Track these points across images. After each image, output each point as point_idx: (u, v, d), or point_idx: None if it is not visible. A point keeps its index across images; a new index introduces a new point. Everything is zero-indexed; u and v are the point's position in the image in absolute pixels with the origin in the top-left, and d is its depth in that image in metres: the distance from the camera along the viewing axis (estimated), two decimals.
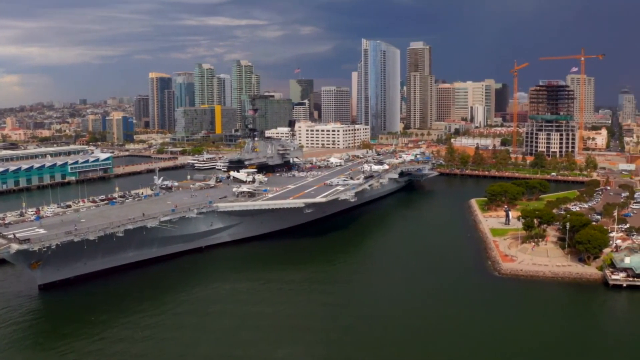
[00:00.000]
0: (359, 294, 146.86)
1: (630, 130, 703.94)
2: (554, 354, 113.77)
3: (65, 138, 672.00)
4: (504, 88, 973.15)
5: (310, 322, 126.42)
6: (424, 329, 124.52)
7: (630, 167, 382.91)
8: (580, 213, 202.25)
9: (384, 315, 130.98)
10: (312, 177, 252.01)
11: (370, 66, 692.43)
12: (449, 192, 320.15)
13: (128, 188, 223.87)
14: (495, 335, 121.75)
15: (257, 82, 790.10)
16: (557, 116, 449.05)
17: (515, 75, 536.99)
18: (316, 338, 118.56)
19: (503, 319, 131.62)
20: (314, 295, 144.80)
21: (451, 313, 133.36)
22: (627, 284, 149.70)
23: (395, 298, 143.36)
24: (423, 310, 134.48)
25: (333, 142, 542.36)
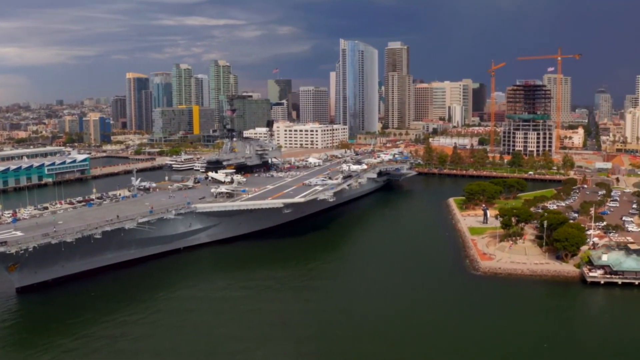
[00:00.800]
0: (338, 294, 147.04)
1: (606, 129, 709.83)
2: (533, 351, 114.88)
3: (41, 139, 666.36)
4: (481, 88, 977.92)
5: (289, 321, 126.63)
6: (403, 327, 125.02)
7: (606, 165, 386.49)
8: (557, 211, 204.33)
9: (363, 315, 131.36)
10: (290, 178, 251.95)
11: (349, 66, 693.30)
12: (427, 191, 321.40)
13: (105, 189, 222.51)
14: (474, 334, 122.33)
15: (235, 82, 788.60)
16: (534, 115, 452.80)
17: (492, 75, 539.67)
18: (295, 337, 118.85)
19: (482, 317, 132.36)
20: (293, 295, 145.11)
21: (430, 311, 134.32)
22: (604, 281, 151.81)
23: (374, 297, 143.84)
24: (402, 309, 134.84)
25: (311, 142, 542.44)
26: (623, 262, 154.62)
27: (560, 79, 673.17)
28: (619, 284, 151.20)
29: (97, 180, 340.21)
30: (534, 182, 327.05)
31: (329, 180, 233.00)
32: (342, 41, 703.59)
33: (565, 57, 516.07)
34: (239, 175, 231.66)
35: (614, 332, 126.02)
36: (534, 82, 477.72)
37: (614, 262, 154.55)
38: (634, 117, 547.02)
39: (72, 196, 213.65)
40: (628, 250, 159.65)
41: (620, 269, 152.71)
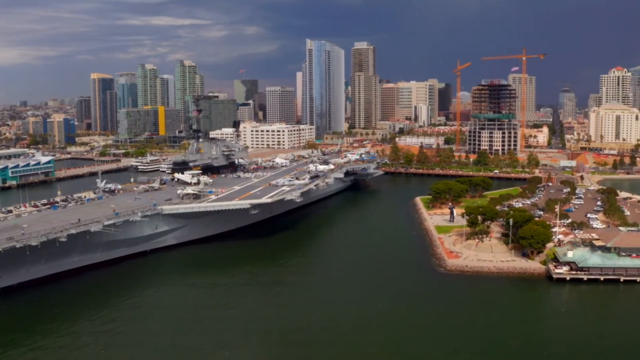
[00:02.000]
0: (306, 295, 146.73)
1: (570, 127, 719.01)
2: (500, 347, 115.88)
3: (5, 141, 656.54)
4: (447, 87, 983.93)
5: (257, 324, 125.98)
6: (371, 326, 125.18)
7: (571, 163, 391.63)
8: (523, 209, 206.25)
9: (331, 314, 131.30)
10: (257, 178, 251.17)
11: (315, 66, 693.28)
12: (394, 190, 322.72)
13: (70, 192, 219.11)
14: (442, 331, 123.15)
15: (201, 83, 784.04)
16: (499, 115, 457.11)
17: (458, 74, 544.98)
18: (263, 339, 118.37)
19: (449, 314, 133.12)
20: (261, 297, 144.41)
21: (397, 310, 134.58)
22: (570, 277, 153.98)
23: (342, 296, 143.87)
24: (370, 308, 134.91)
25: (278, 143, 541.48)
26: (588, 259, 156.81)
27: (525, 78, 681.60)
28: (584, 280, 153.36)
29: (62, 183, 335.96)
30: (499, 181, 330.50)
31: (296, 181, 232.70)
32: (308, 41, 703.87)
33: (529, 57, 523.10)
34: (205, 176, 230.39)
35: (580, 328, 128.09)
36: (499, 82, 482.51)
37: (579, 259, 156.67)
38: (598, 116, 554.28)
39: (36, 199, 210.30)
40: (593, 247, 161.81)
41: (586, 266, 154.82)
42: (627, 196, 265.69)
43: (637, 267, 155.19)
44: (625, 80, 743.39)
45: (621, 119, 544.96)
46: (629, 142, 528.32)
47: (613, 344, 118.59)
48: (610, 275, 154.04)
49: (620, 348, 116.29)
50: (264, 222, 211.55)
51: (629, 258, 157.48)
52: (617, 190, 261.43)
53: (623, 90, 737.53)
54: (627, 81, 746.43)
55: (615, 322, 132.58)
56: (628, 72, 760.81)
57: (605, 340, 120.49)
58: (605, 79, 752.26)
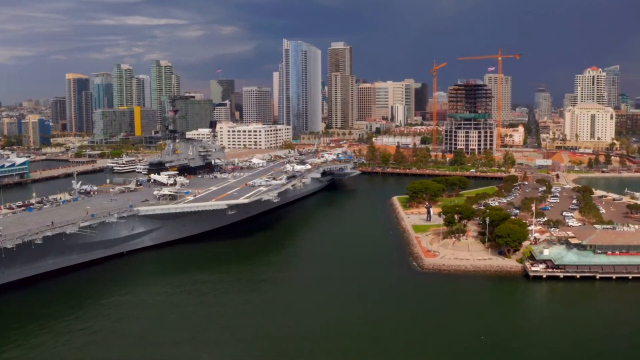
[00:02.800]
0: (283, 295, 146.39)
1: (546, 127, 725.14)
2: (478, 345, 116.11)
3: None
4: (423, 87, 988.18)
5: (234, 324, 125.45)
6: (349, 326, 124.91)
7: (546, 162, 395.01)
8: (499, 208, 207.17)
9: (309, 315, 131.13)
10: (234, 179, 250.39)
11: (292, 66, 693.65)
12: (371, 190, 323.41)
13: (46, 193, 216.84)
14: (420, 330, 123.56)
15: (177, 83, 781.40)
16: (476, 114, 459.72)
17: (434, 74, 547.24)
18: (240, 340, 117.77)
19: (427, 313, 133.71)
20: (238, 297, 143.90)
21: (375, 309, 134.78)
22: (546, 275, 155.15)
23: (320, 296, 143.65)
24: (348, 308, 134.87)
25: (255, 143, 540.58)
26: (564, 256, 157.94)
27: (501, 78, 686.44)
28: (560, 278, 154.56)
29: (37, 184, 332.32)
30: (475, 180, 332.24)
31: (273, 181, 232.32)
32: (285, 41, 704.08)
33: (505, 57, 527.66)
34: (182, 177, 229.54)
35: (557, 325, 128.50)
36: (475, 82, 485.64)
37: (555, 257, 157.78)
38: (573, 115, 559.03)
39: (11, 201, 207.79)
40: (569, 245, 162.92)
41: (562, 263, 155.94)
42: (602, 194, 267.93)
43: (613, 265, 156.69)
44: (600, 80, 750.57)
45: (596, 118, 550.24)
46: (603, 140, 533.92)
47: (590, 340, 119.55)
48: (586, 272, 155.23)
49: (597, 344, 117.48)
50: (241, 223, 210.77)
51: (605, 255, 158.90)
52: (592, 189, 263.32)
53: (598, 89, 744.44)
54: (602, 81, 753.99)
55: (592, 319, 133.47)
56: (603, 72, 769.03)
57: (582, 336, 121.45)
58: (580, 78, 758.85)
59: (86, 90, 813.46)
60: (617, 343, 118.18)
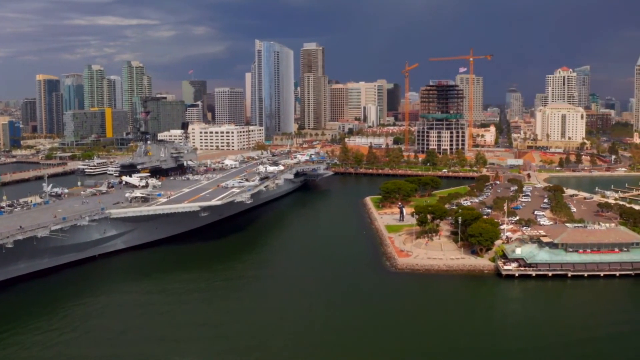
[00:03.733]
0: (257, 297, 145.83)
1: (517, 127, 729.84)
2: (451, 344, 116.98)
3: None
4: (395, 88, 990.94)
5: (208, 328, 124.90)
6: (324, 326, 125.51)
7: (518, 162, 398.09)
8: (471, 207, 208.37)
9: (283, 316, 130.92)
10: (207, 180, 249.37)
11: (264, 67, 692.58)
12: (344, 190, 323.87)
13: (16, 196, 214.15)
14: (394, 329, 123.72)
15: (148, 84, 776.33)
16: (447, 115, 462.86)
17: (406, 75, 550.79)
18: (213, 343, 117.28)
19: (399, 312, 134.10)
20: (211, 300, 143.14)
21: (350, 310, 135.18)
22: (519, 274, 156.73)
23: (294, 297, 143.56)
24: (322, 309, 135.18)
25: (227, 144, 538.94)
26: (536, 255, 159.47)
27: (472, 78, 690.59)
28: (532, 276, 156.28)
29: (7, 187, 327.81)
30: (448, 180, 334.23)
31: (246, 182, 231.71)
32: (257, 42, 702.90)
33: (476, 57, 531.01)
34: (154, 179, 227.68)
35: (529, 323, 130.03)
36: (446, 82, 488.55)
37: (527, 255, 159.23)
38: (544, 115, 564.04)
39: None
40: (541, 243, 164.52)
41: (534, 262, 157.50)
42: (574, 193, 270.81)
43: (584, 263, 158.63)
44: (571, 80, 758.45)
45: (567, 118, 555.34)
46: (574, 140, 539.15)
47: (562, 338, 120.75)
48: (558, 270, 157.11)
49: (569, 342, 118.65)
50: (214, 225, 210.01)
51: (576, 254, 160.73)
52: (563, 188, 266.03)
53: (568, 89, 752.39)
54: (573, 81, 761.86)
55: (564, 317, 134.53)
56: (573, 72, 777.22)
57: (554, 334, 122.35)
58: (551, 78, 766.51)
59: (57, 92, 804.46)
60: (589, 340, 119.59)
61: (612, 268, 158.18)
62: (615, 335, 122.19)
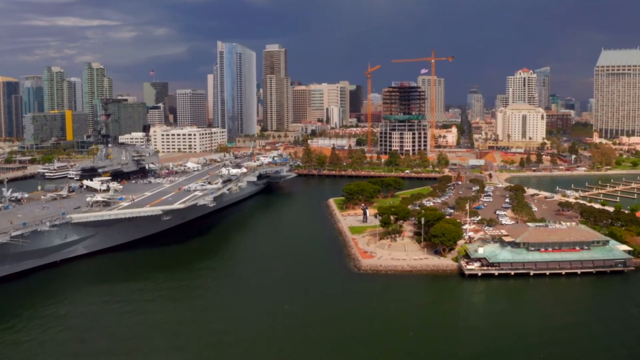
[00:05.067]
0: (220, 300, 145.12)
1: (479, 127, 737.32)
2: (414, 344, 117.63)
3: None
4: (358, 89, 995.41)
5: (169, 332, 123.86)
6: (289, 329, 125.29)
7: (479, 162, 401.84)
8: (434, 208, 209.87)
9: (245, 319, 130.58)
10: (169, 183, 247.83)
11: (226, 68, 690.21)
12: (307, 192, 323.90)
13: None
14: (357, 330, 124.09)
15: (109, 86, 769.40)
16: (410, 116, 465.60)
17: (368, 77, 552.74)
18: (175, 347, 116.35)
19: (364, 314, 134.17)
20: (175, 304, 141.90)
21: (314, 312, 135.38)
22: (481, 273, 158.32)
23: (258, 300, 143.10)
24: (288, 311, 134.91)
25: (190, 147, 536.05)
26: (498, 254, 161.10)
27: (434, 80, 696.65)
28: (495, 275, 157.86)
29: None
30: (410, 181, 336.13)
31: (209, 185, 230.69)
32: (219, 43, 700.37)
33: (438, 59, 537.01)
34: (115, 182, 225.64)
35: (492, 321, 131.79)
36: (408, 84, 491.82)
37: (489, 255, 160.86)
38: (505, 116, 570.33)
39: None
40: (502, 243, 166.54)
41: (496, 261, 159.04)
42: (534, 193, 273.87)
43: (546, 261, 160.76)
44: (531, 81, 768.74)
45: (527, 118, 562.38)
46: (535, 140, 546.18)
47: (523, 335, 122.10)
48: (520, 269, 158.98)
49: (530, 339, 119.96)
50: (177, 228, 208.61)
51: (538, 253, 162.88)
52: (524, 188, 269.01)
53: (529, 90, 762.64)
54: (533, 82, 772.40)
55: (525, 315, 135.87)
56: (533, 73, 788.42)
57: (516, 332, 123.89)
58: (512, 80, 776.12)
59: (16, 94, 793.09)
60: (551, 337, 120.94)
61: (573, 266, 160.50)
62: (576, 333, 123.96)
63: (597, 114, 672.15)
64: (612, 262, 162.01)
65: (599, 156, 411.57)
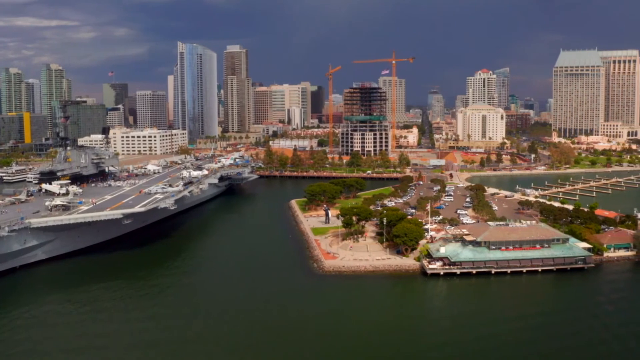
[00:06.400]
0: (179, 304, 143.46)
1: (439, 127, 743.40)
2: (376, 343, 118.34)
3: None
4: (319, 90, 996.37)
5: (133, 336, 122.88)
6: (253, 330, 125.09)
7: (440, 162, 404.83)
8: (395, 208, 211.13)
9: (208, 321, 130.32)
10: (129, 186, 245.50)
11: (187, 69, 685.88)
12: (269, 194, 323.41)
13: None
14: (320, 331, 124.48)
15: (68, 87, 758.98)
16: (371, 117, 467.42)
17: (330, 78, 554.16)
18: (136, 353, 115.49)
19: (327, 314, 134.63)
20: (137, 309, 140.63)
21: (277, 312, 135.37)
22: (443, 272, 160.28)
23: (222, 302, 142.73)
24: (248, 313, 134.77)
25: (150, 149, 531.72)
26: (460, 253, 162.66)
27: (395, 81, 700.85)
28: (457, 274, 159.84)
29: None
30: (372, 181, 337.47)
31: (170, 188, 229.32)
32: (180, 44, 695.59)
33: (399, 60, 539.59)
34: (74, 186, 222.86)
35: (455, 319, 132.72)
36: (370, 85, 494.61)
37: (451, 254, 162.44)
38: (465, 116, 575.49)
39: None
40: (464, 242, 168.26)
41: (458, 260, 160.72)
42: (495, 192, 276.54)
43: (507, 260, 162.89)
44: (491, 82, 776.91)
45: (487, 118, 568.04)
46: (495, 140, 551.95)
47: (485, 332, 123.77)
48: (481, 268, 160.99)
49: (492, 336, 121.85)
50: (138, 232, 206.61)
51: (499, 251, 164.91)
52: (485, 187, 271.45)
53: (488, 91, 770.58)
54: (492, 82, 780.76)
55: (487, 312, 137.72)
56: (493, 74, 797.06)
57: (477, 329, 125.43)
58: (472, 80, 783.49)
59: None
60: (512, 332, 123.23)
61: (534, 264, 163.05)
62: (536, 328, 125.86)
63: (556, 114, 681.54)
64: (572, 260, 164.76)
65: (558, 155, 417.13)
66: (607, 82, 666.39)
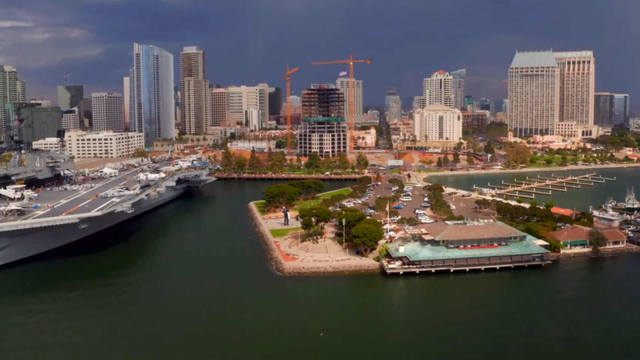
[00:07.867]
0: (136, 309, 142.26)
1: (397, 128, 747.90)
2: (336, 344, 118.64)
3: None
4: (277, 92, 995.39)
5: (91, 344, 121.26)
6: (212, 332, 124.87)
7: (398, 163, 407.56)
8: (354, 209, 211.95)
9: (166, 325, 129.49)
10: (85, 190, 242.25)
11: (143, 71, 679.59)
12: (227, 196, 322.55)
13: None
14: (281, 332, 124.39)
15: (22, 90, 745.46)
16: (329, 118, 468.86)
17: (287, 79, 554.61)
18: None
19: (286, 316, 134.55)
20: (95, 315, 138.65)
21: (236, 315, 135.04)
22: (403, 272, 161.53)
23: (176, 307, 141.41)
24: (207, 316, 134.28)
25: (106, 152, 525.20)
26: (419, 253, 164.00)
27: (353, 82, 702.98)
28: (416, 273, 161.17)
29: None
30: (331, 182, 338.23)
31: (126, 191, 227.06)
32: (136, 45, 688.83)
33: (356, 61, 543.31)
34: (29, 190, 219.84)
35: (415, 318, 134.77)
36: (327, 86, 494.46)
37: (410, 253, 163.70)
38: (422, 117, 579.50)
39: None
40: (423, 241, 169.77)
41: (417, 259, 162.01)
42: (452, 191, 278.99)
43: (465, 258, 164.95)
44: (447, 83, 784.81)
45: (444, 119, 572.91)
46: (451, 140, 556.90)
47: (444, 329, 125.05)
48: (440, 267, 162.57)
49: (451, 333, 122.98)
50: (95, 236, 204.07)
51: (457, 250, 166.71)
52: (442, 186, 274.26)
53: (445, 92, 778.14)
54: (449, 84, 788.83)
55: (447, 309, 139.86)
56: (449, 75, 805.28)
57: (436, 327, 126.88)
58: (429, 81, 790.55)
59: None
60: (470, 330, 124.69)
61: (492, 262, 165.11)
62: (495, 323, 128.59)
63: (512, 114, 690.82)
64: (530, 257, 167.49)
65: (513, 155, 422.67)
66: (561, 83, 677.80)
